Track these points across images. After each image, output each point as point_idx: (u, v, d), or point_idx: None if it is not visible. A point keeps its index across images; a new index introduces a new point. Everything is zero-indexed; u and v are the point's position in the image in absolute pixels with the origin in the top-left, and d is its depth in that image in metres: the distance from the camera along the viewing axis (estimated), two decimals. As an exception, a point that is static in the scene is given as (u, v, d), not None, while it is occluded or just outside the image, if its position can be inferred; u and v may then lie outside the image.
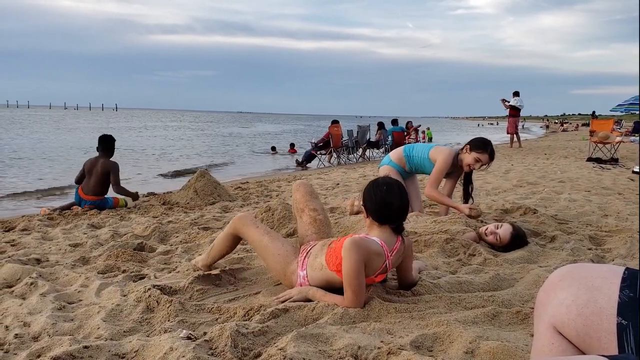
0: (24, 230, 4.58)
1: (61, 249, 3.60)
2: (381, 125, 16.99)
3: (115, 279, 2.71)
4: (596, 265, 1.12)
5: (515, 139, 15.68)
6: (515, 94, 14.92)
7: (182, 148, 20.34)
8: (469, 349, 1.68)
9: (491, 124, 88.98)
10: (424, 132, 23.27)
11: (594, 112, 30.39)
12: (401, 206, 2.21)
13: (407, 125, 19.78)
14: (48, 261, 3.25)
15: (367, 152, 16.68)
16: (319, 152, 14.56)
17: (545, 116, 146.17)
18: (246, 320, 2.03)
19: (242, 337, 1.78)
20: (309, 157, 14.36)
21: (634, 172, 8.21)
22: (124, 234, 4.06)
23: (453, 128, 65.59)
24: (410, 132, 19.76)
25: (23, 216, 5.47)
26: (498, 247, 3.19)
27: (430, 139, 23.14)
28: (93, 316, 2.16)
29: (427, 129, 24.38)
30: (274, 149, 19.11)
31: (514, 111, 14.97)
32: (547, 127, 55.10)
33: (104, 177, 5.73)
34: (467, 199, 4.05)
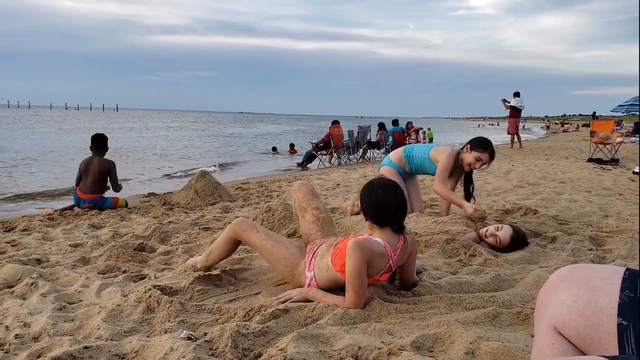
0: (24, 230, 4.58)
1: (62, 249, 3.60)
2: (382, 126, 16.98)
3: (115, 279, 2.71)
4: (597, 265, 1.12)
5: (515, 139, 15.67)
6: (516, 94, 14.91)
7: (182, 149, 20.33)
8: (469, 349, 1.67)
9: (492, 124, 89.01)
10: (424, 132, 23.26)
11: (594, 112, 30.34)
12: (398, 207, 2.20)
13: (408, 125, 19.76)
14: (48, 261, 3.25)
15: (367, 153, 16.68)
16: (319, 153, 14.56)
17: (546, 117, 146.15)
18: (246, 320, 2.03)
19: (243, 337, 1.78)
20: (309, 158, 14.35)
21: (634, 172, 8.20)
22: (125, 234, 4.06)
23: (454, 128, 65.54)
24: (411, 132, 19.76)
25: (24, 216, 5.47)
26: (498, 248, 3.19)
27: (431, 140, 23.11)
28: (93, 316, 2.16)
29: (428, 129, 24.36)
30: (275, 149, 19.12)
31: (515, 112, 14.97)
32: (548, 127, 55.16)
33: (101, 175, 5.78)
34: (469, 198, 4.04)
